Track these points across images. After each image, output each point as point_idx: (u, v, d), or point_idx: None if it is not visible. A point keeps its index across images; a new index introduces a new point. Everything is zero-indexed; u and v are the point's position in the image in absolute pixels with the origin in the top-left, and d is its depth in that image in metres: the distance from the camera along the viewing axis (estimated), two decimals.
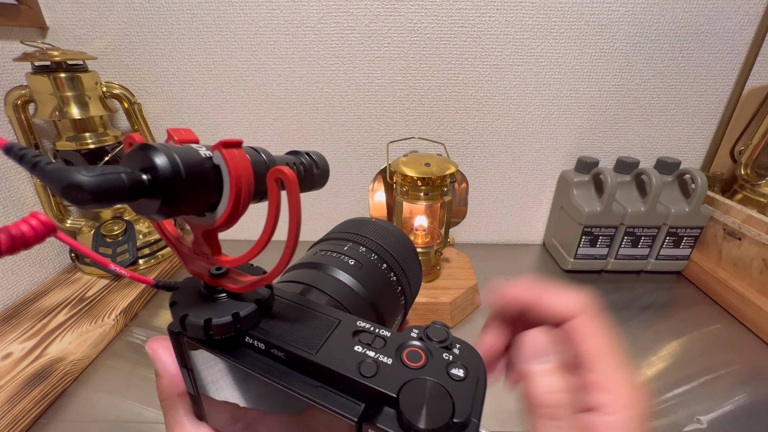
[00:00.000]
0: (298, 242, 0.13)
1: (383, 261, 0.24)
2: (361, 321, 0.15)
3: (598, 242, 0.62)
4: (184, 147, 0.13)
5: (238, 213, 0.13)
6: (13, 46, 0.52)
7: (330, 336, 0.15)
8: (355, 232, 0.25)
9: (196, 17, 0.56)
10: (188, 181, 0.12)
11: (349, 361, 0.14)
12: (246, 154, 0.13)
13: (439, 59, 0.59)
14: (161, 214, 0.12)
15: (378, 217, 0.26)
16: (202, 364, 0.16)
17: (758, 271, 0.54)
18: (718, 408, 0.41)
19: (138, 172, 0.11)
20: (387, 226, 0.27)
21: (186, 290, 0.16)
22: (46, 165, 0.10)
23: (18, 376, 0.41)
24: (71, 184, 0.10)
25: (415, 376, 0.13)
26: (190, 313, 0.14)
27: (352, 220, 0.27)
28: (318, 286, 0.21)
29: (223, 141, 0.13)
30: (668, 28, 0.58)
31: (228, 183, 0.13)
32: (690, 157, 0.67)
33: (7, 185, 0.53)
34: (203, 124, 0.64)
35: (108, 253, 0.56)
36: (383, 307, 0.22)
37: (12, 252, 0.11)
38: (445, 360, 0.14)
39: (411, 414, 0.12)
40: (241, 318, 0.14)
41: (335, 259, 0.23)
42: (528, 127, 0.64)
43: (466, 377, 0.13)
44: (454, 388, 0.13)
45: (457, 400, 0.12)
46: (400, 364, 0.14)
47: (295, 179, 0.12)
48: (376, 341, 0.14)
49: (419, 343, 0.14)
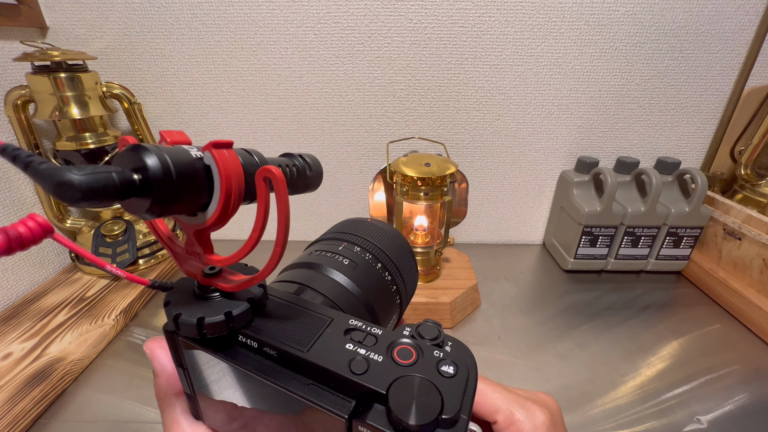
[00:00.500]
0: (295, 242, 0.13)
1: (378, 260, 0.24)
2: (353, 319, 0.16)
3: (598, 242, 0.62)
4: (175, 148, 0.13)
5: (228, 213, 0.14)
6: (13, 46, 0.52)
7: (322, 334, 0.15)
8: (350, 232, 0.26)
9: (196, 17, 0.56)
10: (179, 180, 0.12)
11: (340, 359, 0.14)
12: (236, 155, 0.14)
13: (439, 59, 0.59)
14: (152, 213, 0.12)
15: (375, 218, 0.26)
16: (197, 364, 0.16)
17: (758, 271, 0.54)
18: (718, 408, 0.41)
19: (129, 171, 0.11)
20: (382, 225, 0.27)
21: (180, 290, 0.16)
22: (39, 164, 0.10)
23: (18, 376, 0.41)
24: (62, 182, 0.10)
25: (405, 373, 0.13)
26: (183, 312, 0.14)
27: (347, 221, 0.27)
28: (312, 286, 0.21)
29: (214, 141, 0.13)
30: (668, 28, 0.58)
31: (218, 183, 0.13)
32: (690, 157, 0.67)
33: (7, 185, 0.53)
34: (203, 124, 0.64)
35: (108, 253, 0.56)
36: (378, 306, 0.23)
37: (8, 253, 0.11)
38: (436, 357, 0.14)
39: (400, 410, 0.12)
40: (234, 317, 0.14)
41: (330, 259, 0.23)
42: (528, 127, 0.64)
43: (456, 374, 0.13)
44: (443, 384, 0.13)
45: (446, 396, 0.13)
46: (390, 361, 0.14)
47: (283, 178, 0.12)
48: (367, 339, 0.15)
49: (410, 341, 0.15)
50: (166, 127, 0.64)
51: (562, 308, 0.57)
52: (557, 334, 0.51)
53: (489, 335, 0.51)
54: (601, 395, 0.43)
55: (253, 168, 0.15)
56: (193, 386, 0.17)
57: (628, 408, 0.41)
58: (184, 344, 0.16)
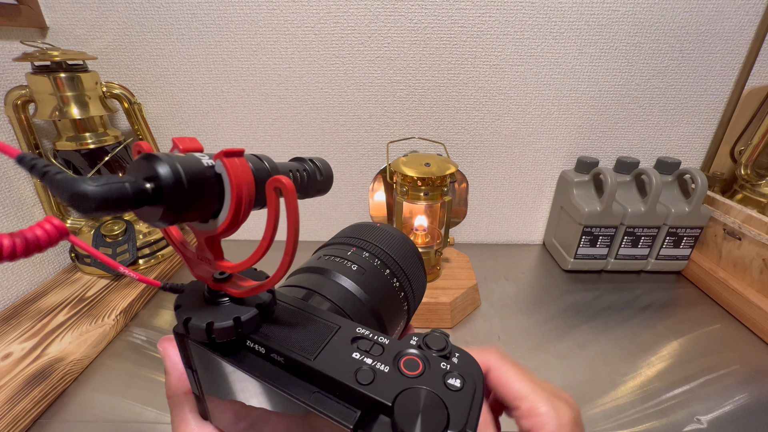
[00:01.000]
0: (299, 243, 0.13)
1: (386, 266, 0.24)
2: (361, 327, 0.16)
3: (598, 242, 0.62)
4: (187, 156, 0.13)
5: (239, 220, 0.14)
6: (13, 46, 0.52)
7: (329, 342, 0.15)
8: (359, 237, 0.25)
9: (196, 17, 0.56)
10: (190, 189, 0.12)
11: (346, 368, 0.14)
12: (247, 163, 0.14)
13: (439, 59, 0.59)
14: (164, 221, 0.12)
15: (376, 218, 0.26)
16: (206, 366, 0.16)
17: (758, 271, 0.54)
18: (718, 408, 0.41)
19: (141, 181, 0.12)
20: (391, 231, 0.27)
21: (191, 293, 0.16)
22: (56, 174, 0.11)
23: (18, 376, 0.41)
24: (77, 193, 0.10)
25: (412, 385, 0.13)
26: (193, 317, 0.14)
27: (356, 225, 0.27)
28: (320, 291, 0.21)
29: (225, 150, 0.13)
30: (668, 28, 0.58)
31: (229, 191, 0.13)
32: (690, 157, 0.67)
33: (7, 185, 0.53)
34: (203, 124, 0.64)
35: (108, 253, 0.56)
36: (385, 313, 0.23)
37: (26, 255, 0.11)
38: (443, 369, 0.14)
39: (405, 423, 0.12)
40: (243, 322, 0.14)
41: (338, 264, 0.23)
42: (528, 127, 0.64)
43: (462, 387, 0.13)
44: (450, 398, 0.13)
45: (452, 410, 0.13)
46: (396, 372, 0.14)
47: (294, 189, 0.12)
48: (374, 348, 0.15)
49: (417, 352, 0.14)
50: (166, 127, 0.64)
51: (562, 308, 0.57)
52: (557, 334, 0.51)
53: (489, 335, 0.51)
54: (601, 395, 0.43)
55: (263, 174, 0.15)
56: (202, 387, 0.17)
57: (628, 408, 0.41)
58: (193, 347, 0.16)
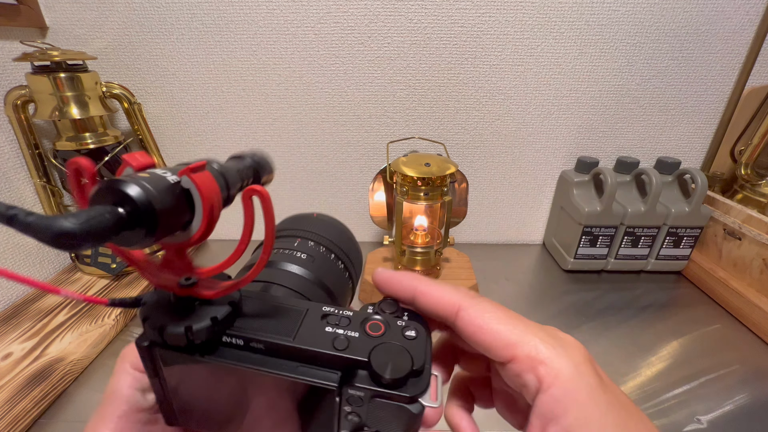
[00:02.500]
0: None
1: (331, 251, 0.27)
2: (326, 306, 0.18)
3: (598, 242, 0.62)
4: (151, 175, 0.13)
5: (212, 228, 0.15)
6: (13, 46, 0.52)
7: (302, 323, 0.17)
8: (302, 228, 0.28)
9: (196, 17, 0.56)
10: (164, 207, 0.13)
11: (324, 341, 0.16)
12: (210, 173, 0.15)
13: (439, 59, 0.59)
14: (146, 243, 0.13)
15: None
16: (179, 371, 0.17)
17: (758, 271, 0.54)
18: (718, 408, 0.41)
19: (114, 207, 0.12)
20: (327, 219, 0.30)
21: (154, 304, 0.16)
22: (26, 217, 0.10)
23: (18, 376, 0.41)
24: (62, 233, 0.10)
25: (380, 342, 0.16)
26: (167, 324, 0.15)
27: (294, 217, 0.30)
28: (277, 282, 0.23)
29: (191, 167, 0.14)
30: (668, 28, 0.57)
31: (200, 204, 0.14)
32: (690, 157, 0.67)
33: (7, 185, 0.53)
34: (203, 124, 0.64)
35: (107, 253, 0.56)
36: (337, 292, 0.26)
37: None
38: (400, 326, 0.17)
39: (381, 370, 0.15)
40: (220, 320, 0.16)
41: (289, 256, 0.25)
42: (528, 127, 0.64)
43: (417, 336, 0.17)
44: (410, 345, 0.16)
45: (413, 354, 0.16)
46: (365, 335, 0.17)
47: (269, 197, 0.14)
48: (342, 321, 0.17)
49: (378, 316, 0.18)
50: (166, 127, 0.64)
51: (562, 308, 0.57)
52: None
53: None
54: None
55: (219, 179, 0.16)
56: (169, 392, 0.18)
57: None
58: (164, 355, 0.16)
